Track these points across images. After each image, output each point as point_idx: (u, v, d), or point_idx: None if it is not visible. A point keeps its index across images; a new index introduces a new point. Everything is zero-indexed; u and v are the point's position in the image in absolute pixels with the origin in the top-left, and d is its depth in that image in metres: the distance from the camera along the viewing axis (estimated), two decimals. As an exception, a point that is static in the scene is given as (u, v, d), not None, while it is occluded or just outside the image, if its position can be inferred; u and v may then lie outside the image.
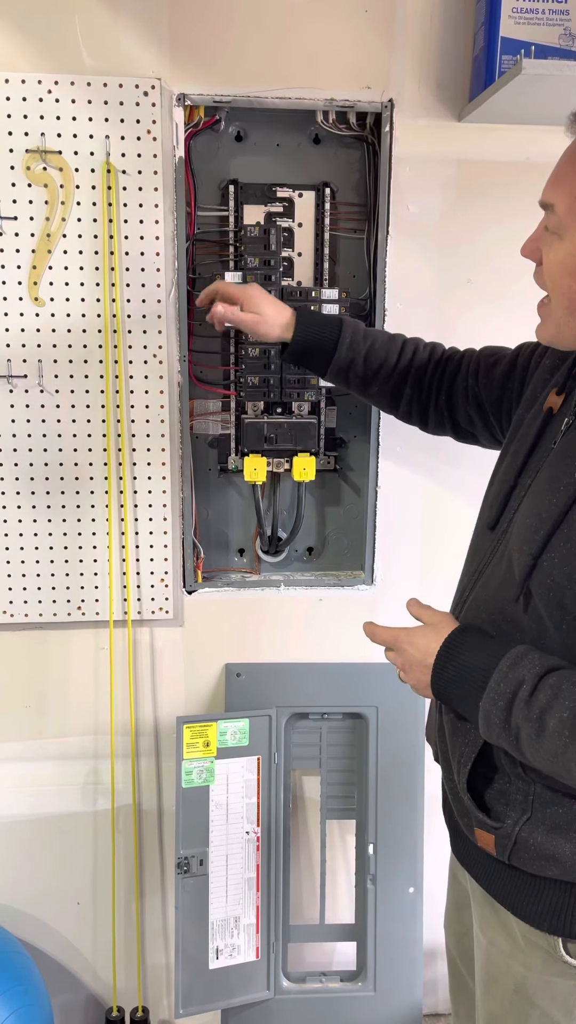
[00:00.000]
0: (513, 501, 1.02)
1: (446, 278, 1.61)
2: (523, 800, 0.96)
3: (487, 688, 0.90)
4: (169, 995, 1.87)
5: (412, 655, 1.01)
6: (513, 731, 0.88)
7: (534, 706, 0.86)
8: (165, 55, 1.46)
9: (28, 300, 1.51)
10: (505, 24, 1.36)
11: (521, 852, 0.97)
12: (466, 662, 0.95)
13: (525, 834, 0.96)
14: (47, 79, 1.43)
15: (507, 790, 0.98)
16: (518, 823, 0.96)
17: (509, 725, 0.88)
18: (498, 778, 1.00)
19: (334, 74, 1.49)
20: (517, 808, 0.97)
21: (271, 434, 1.63)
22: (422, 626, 1.03)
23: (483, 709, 0.91)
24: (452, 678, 0.96)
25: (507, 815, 0.97)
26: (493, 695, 0.89)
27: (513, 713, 0.88)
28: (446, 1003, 1.93)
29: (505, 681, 0.89)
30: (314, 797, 1.81)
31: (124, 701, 1.72)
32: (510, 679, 0.89)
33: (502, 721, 0.89)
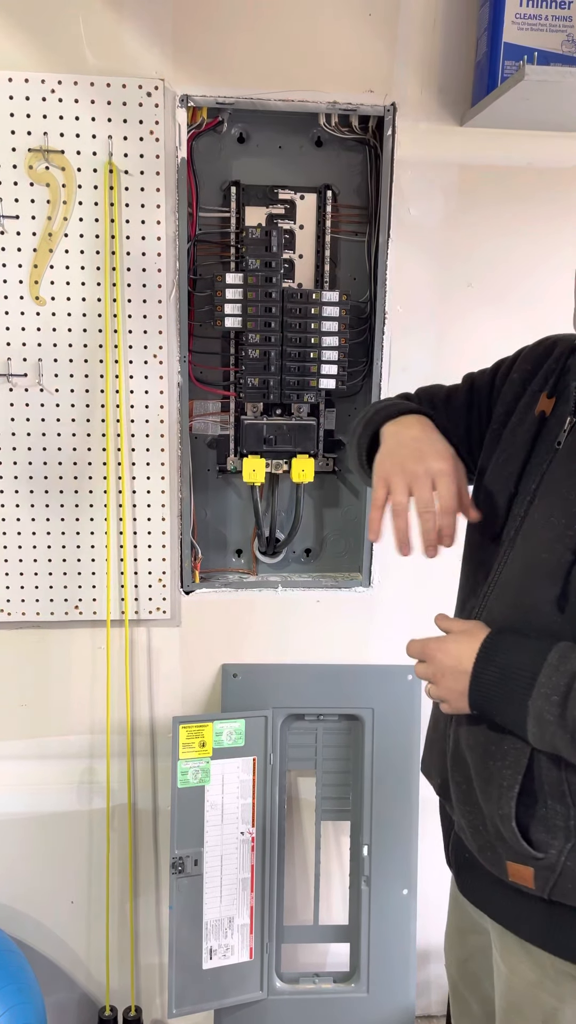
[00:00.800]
0: (517, 508, 0.98)
1: (446, 281, 1.61)
2: (565, 826, 0.90)
3: (536, 685, 0.85)
4: (162, 995, 1.87)
5: (444, 662, 0.94)
6: (570, 727, 0.83)
7: None
8: (168, 56, 1.46)
9: (29, 299, 1.51)
10: (508, 30, 1.36)
11: (565, 883, 0.90)
12: (509, 661, 0.89)
13: (571, 863, 0.89)
14: (50, 79, 1.43)
15: (546, 816, 0.91)
16: (563, 852, 0.89)
17: (565, 721, 0.83)
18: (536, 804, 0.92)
19: (337, 77, 1.49)
20: (560, 836, 0.90)
21: (270, 435, 1.64)
22: (453, 633, 0.97)
23: (534, 708, 0.86)
24: (494, 680, 0.90)
25: (550, 844, 0.90)
26: (545, 691, 0.84)
27: (569, 707, 0.83)
28: (439, 1005, 1.94)
29: (557, 675, 0.84)
30: (309, 798, 1.82)
31: (121, 700, 1.72)
32: (562, 672, 0.84)
33: (557, 718, 0.84)
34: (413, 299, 1.61)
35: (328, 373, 1.59)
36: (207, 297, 1.59)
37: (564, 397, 0.99)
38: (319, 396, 1.64)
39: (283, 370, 1.59)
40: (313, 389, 1.61)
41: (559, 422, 0.98)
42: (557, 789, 0.90)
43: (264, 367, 1.58)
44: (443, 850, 1.12)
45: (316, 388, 1.61)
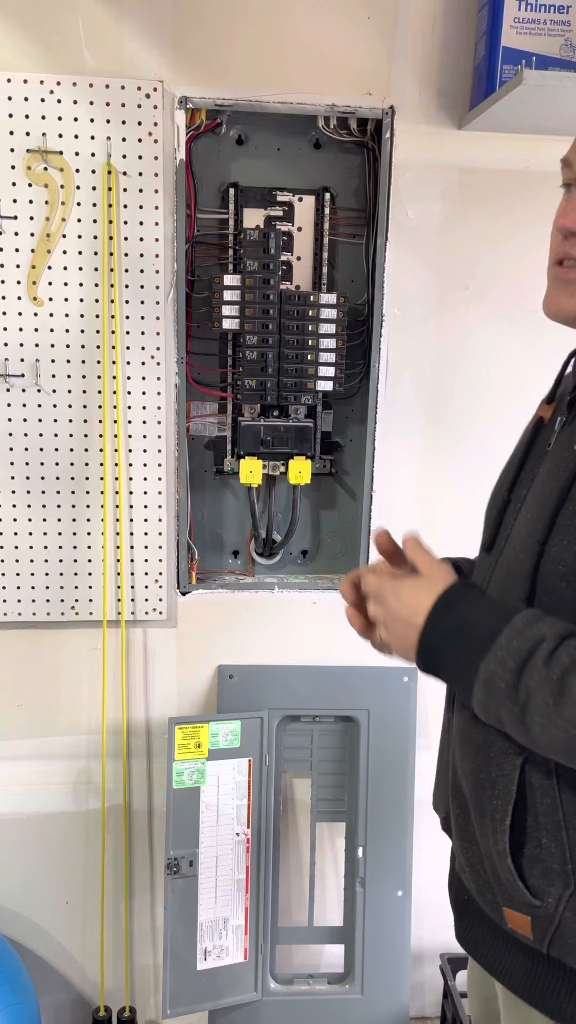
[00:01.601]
0: (508, 516, 0.93)
1: (444, 284, 1.61)
2: (562, 871, 0.79)
3: (495, 645, 0.76)
4: (157, 995, 1.87)
5: (396, 610, 0.85)
6: (521, 698, 0.74)
7: (554, 666, 0.72)
8: (168, 58, 1.46)
9: (27, 300, 1.51)
10: (507, 34, 1.37)
11: (565, 938, 0.80)
12: (469, 615, 0.80)
13: (570, 915, 0.79)
14: (49, 80, 1.43)
15: (539, 856, 0.81)
16: (561, 900, 0.79)
17: (517, 691, 0.74)
18: (529, 841, 0.82)
19: (336, 80, 1.50)
20: (558, 882, 0.79)
21: (267, 437, 1.64)
22: (413, 577, 0.87)
23: (485, 670, 0.76)
24: (448, 633, 0.80)
25: (547, 892, 0.80)
26: (502, 654, 0.75)
27: (525, 675, 0.73)
28: (433, 1006, 1.94)
29: (519, 639, 0.75)
30: (304, 800, 1.82)
31: (116, 701, 1.72)
32: (526, 637, 0.75)
33: (509, 687, 0.74)
34: (410, 301, 1.61)
35: (325, 375, 1.59)
36: (205, 298, 1.59)
37: (560, 401, 0.97)
38: (316, 398, 1.64)
39: (280, 372, 1.59)
40: (310, 391, 1.61)
41: (553, 423, 0.95)
42: (552, 820, 0.80)
43: (261, 369, 1.58)
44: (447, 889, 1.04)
45: (313, 390, 1.61)
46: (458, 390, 1.67)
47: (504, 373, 1.66)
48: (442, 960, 1.79)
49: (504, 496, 0.95)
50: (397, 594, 0.86)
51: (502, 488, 0.97)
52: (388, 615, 0.87)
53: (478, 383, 1.66)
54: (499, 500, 0.96)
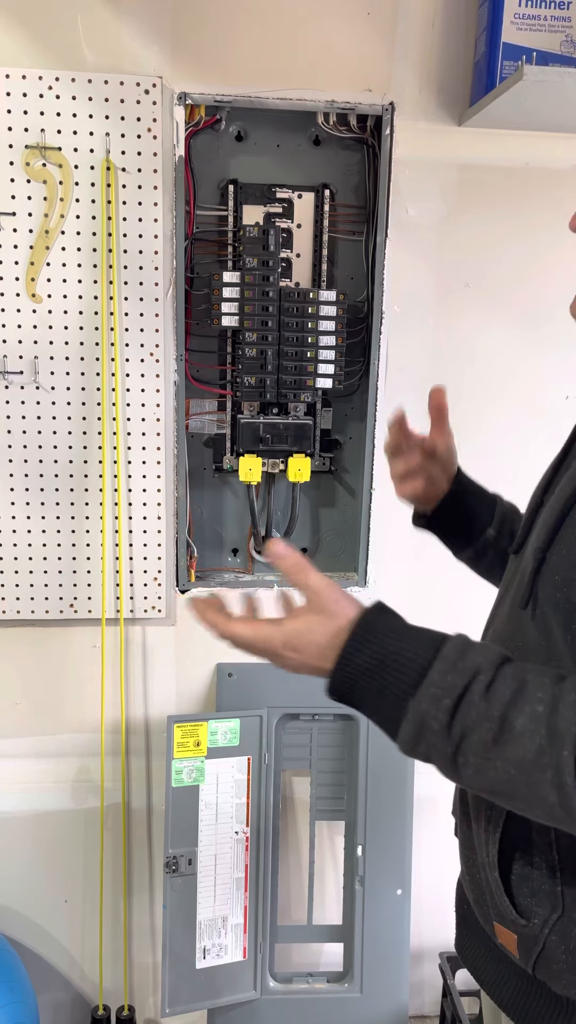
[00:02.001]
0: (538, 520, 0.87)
1: (444, 281, 1.61)
2: (551, 892, 0.76)
3: (426, 681, 0.67)
4: (155, 994, 1.87)
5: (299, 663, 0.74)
6: (455, 738, 0.67)
7: (494, 701, 0.66)
8: (167, 54, 1.45)
9: (25, 296, 1.51)
10: (507, 30, 1.36)
11: (549, 962, 0.77)
12: (392, 647, 0.70)
13: (556, 938, 0.76)
14: (48, 75, 1.43)
15: (530, 875, 0.78)
16: (547, 923, 0.76)
17: (451, 730, 0.67)
18: (519, 857, 0.79)
19: (335, 76, 1.49)
20: (545, 904, 0.77)
21: (267, 434, 1.63)
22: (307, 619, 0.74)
23: (415, 710, 0.68)
24: (367, 667, 0.70)
25: (534, 912, 0.77)
26: (435, 691, 0.67)
27: (460, 713, 0.66)
28: (432, 1005, 1.94)
29: (454, 672, 0.67)
30: (304, 798, 1.81)
31: (115, 699, 1.72)
32: (460, 669, 0.67)
33: (443, 726, 0.67)
34: (410, 299, 1.61)
35: (325, 372, 1.59)
36: (204, 296, 1.59)
37: None
38: (316, 395, 1.63)
39: (280, 369, 1.58)
40: (310, 388, 1.60)
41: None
42: (544, 840, 0.77)
43: (261, 366, 1.58)
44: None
45: (313, 387, 1.60)
46: (458, 387, 1.66)
47: (504, 370, 1.66)
48: (441, 959, 1.79)
49: (538, 499, 0.90)
50: (296, 647, 0.73)
51: (538, 491, 0.92)
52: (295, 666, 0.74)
53: (478, 380, 1.66)
54: (534, 504, 0.91)
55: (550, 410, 1.68)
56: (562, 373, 1.67)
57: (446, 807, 1.82)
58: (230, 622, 0.76)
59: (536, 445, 1.59)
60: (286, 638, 0.73)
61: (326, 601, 0.74)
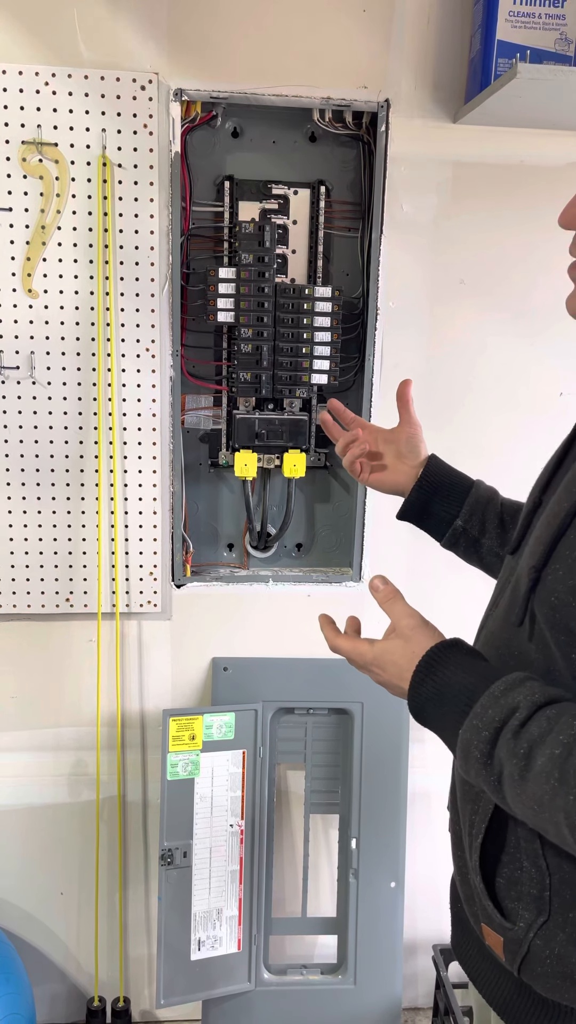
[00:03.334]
0: (536, 521, 0.87)
1: (438, 278, 1.61)
2: (538, 896, 0.77)
3: (472, 713, 0.73)
4: (151, 986, 1.88)
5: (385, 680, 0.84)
6: (496, 770, 0.71)
7: (523, 739, 0.69)
8: (163, 50, 1.46)
9: (21, 291, 1.52)
10: (502, 27, 1.37)
11: (534, 965, 0.78)
12: (450, 679, 0.77)
13: (541, 942, 0.77)
14: (44, 71, 1.43)
15: (518, 879, 0.79)
16: (532, 926, 0.77)
17: (491, 761, 0.71)
18: (507, 860, 0.80)
19: (331, 73, 1.50)
20: (531, 907, 0.78)
21: (262, 430, 1.64)
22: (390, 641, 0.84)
23: (463, 738, 0.73)
24: (430, 696, 0.78)
25: (519, 915, 0.78)
26: (477, 723, 0.72)
27: (498, 746, 0.71)
28: (425, 997, 1.95)
29: (495, 707, 0.72)
30: (298, 791, 1.82)
31: (111, 693, 1.73)
32: (502, 705, 0.72)
33: (483, 756, 0.72)
34: (405, 295, 1.61)
35: (320, 368, 1.60)
36: (200, 291, 1.59)
37: None
38: (311, 391, 1.64)
39: (275, 365, 1.59)
40: (305, 384, 1.61)
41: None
42: (531, 847, 0.78)
43: (256, 362, 1.58)
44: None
45: (308, 383, 1.61)
46: (453, 383, 1.67)
47: (499, 367, 1.67)
48: (435, 951, 1.80)
49: (536, 499, 0.90)
50: (381, 665, 0.84)
51: (535, 491, 0.91)
52: (381, 682, 0.86)
53: (472, 377, 1.67)
54: (531, 503, 0.90)
55: (544, 407, 1.69)
56: (556, 370, 1.68)
57: (439, 801, 1.83)
58: (337, 636, 0.91)
59: (530, 441, 1.60)
60: (374, 655, 0.84)
61: (405, 628, 0.83)
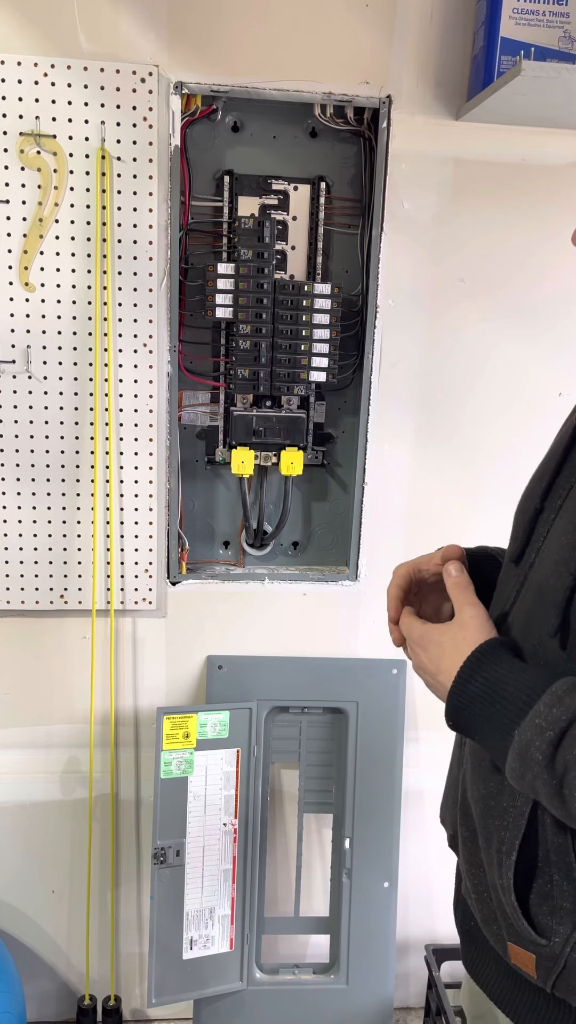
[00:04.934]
0: (540, 527, 0.85)
1: (438, 276, 1.61)
2: (572, 909, 0.76)
3: (532, 711, 0.71)
4: (142, 984, 1.87)
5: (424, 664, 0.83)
6: (559, 771, 0.68)
7: None
8: (163, 42, 1.44)
9: (18, 285, 1.50)
10: (505, 24, 1.36)
11: (571, 980, 0.76)
12: (503, 675, 0.75)
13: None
14: (43, 62, 1.41)
15: (550, 893, 0.77)
16: (568, 941, 0.75)
17: (554, 764, 0.68)
18: (539, 876, 0.77)
19: (333, 68, 1.48)
20: (567, 921, 0.76)
21: (259, 427, 1.63)
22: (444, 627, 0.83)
23: (521, 739, 0.71)
24: (479, 693, 0.75)
25: (554, 931, 0.76)
26: (540, 721, 0.70)
27: (563, 748, 0.68)
28: (417, 997, 1.95)
29: (560, 707, 0.69)
30: (292, 790, 1.82)
31: (105, 691, 1.72)
32: (567, 705, 0.69)
33: (546, 758, 0.69)
34: (405, 293, 1.61)
35: (319, 366, 1.59)
36: (198, 287, 1.58)
37: None
38: (309, 389, 1.63)
39: (273, 362, 1.58)
40: (303, 382, 1.60)
41: None
42: (563, 860, 0.76)
43: (255, 358, 1.57)
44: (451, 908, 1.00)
45: (306, 381, 1.60)
46: (452, 383, 1.67)
47: (498, 366, 1.66)
48: (427, 951, 1.80)
49: (536, 504, 0.86)
50: (424, 645, 0.83)
51: (534, 494, 0.88)
52: (417, 666, 0.85)
53: (472, 376, 1.66)
54: (531, 508, 0.87)
55: (543, 406, 1.68)
56: (556, 369, 1.67)
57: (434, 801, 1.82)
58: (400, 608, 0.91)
59: (529, 441, 1.59)
60: (421, 633, 0.84)
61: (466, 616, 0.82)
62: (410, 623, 0.87)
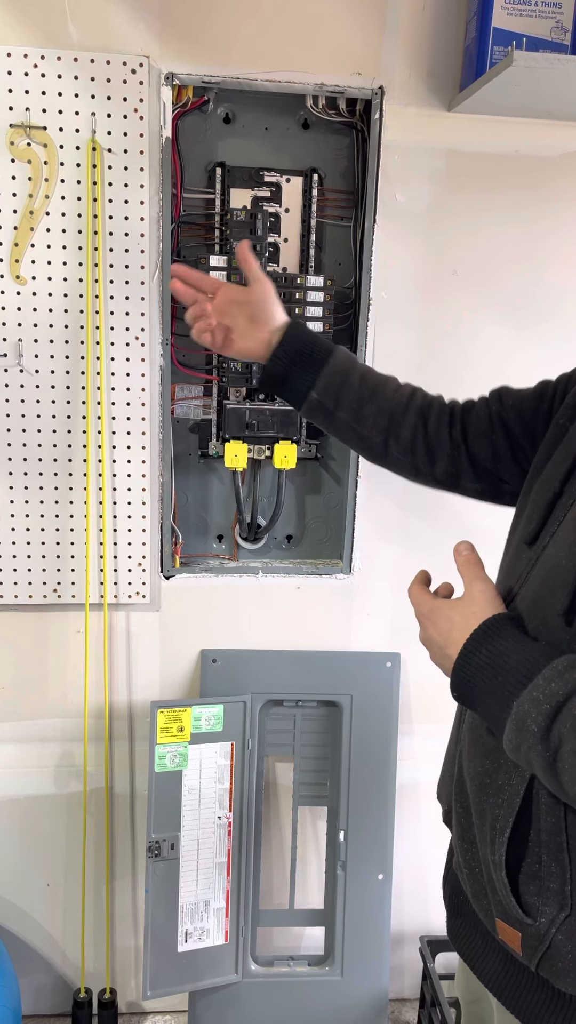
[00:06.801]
0: (558, 511, 0.85)
1: (432, 268, 1.60)
2: (559, 890, 0.77)
3: (531, 684, 0.72)
4: (137, 977, 1.87)
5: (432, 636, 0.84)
6: (553, 744, 0.70)
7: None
8: (154, 33, 1.43)
9: (9, 278, 1.49)
10: (498, 15, 1.35)
11: (555, 960, 0.77)
12: (506, 649, 0.76)
13: (563, 937, 0.77)
14: (33, 53, 1.40)
15: (538, 873, 0.78)
16: (555, 922, 0.77)
17: (549, 737, 0.70)
18: (529, 856, 0.79)
19: (325, 59, 1.48)
20: (553, 903, 0.77)
21: (253, 420, 1.63)
22: (452, 602, 0.85)
23: (518, 711, 0.73)
24: (482, 665, 0.77)
25: (541, 911, 0.78)
26: (537, 695, 0.71)
27: (559, 722, 0.70)
28: (412, 988, 1.96)
29: (559, 681, 0.71)
30: (287, 784, 1.82)
31: (99, 684, 1.72)
32: (567, 679, 0.71)
33: (541, 730, 0.71)
34: (398, 285, 1.60)
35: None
36: (191, 279, 1.57)
37: None
38: (302, 382, 1.63)
39: (266, 355, 1.57)
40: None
41: None
42: (555, 840, 0.77)
43: (247, 351, 1.57)
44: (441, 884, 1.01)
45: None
46: (445, 375, 1.66)
47: (491, 358, 1.66)
48: (422, 943, 1.80)
49: (556, 488, 0.86)
50: (434, 619, 0.85)
51: (553, 478, 0.88)
52: (425, 638, 0.86)
53: (465, 368, 1.66)
54: (549, 491, 0.87)
55: (536, 399, 1.68)
56: (550, 362, 1.66)
57: (428, 793, 1.83)
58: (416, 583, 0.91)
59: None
60: (432, 607, 0.86)
61: (475, 591, 0.84)
62: (420, 597, 0.89)
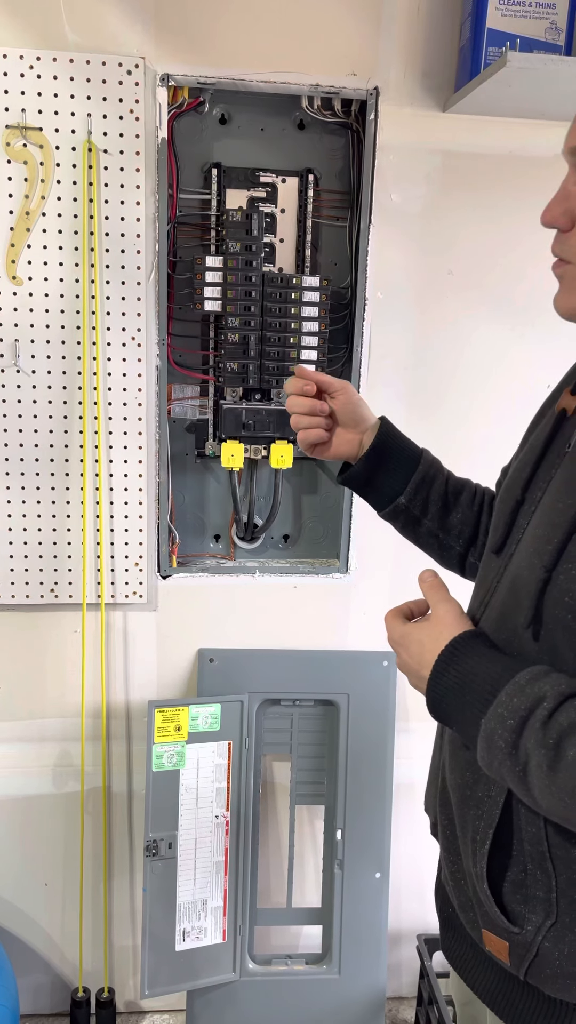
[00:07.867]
0: (521, 519, 0.85)
1: (427, 268, 1.61)
2: (545, 898, 0.77)
3: (495, 701, 0.72)
4: (135, 976, 1.88)
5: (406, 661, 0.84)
6: (521, 760, 0.70)
7: (551, 729, 0.68)
8: (150, 34, 1.44)
9: (5, 278, 1.50)
10: (492, 15, 1.36)
11: (543, 967, 0.78)
12: (473, 668, 0.76)
13: (550, 944, 0.77)
14: (29, 54, 1.41)
15: (523, 882, 0.78)
16: (541, 929, 0.77)
17: (517, 752, 0.70)
18: (513, 865, 0.79)
19: (320, 59, 1.48)
20: (539, 909, 0.77)
21: (249, 420, 1.63)
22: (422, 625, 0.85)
23: (486, 727, 0.72)
24: (452, 685, 0.77)
25: (527, 919, 0.78)
26: (502, 711, 0.71)
27: (524, 736, 0.70)
28: (410, 987, 1.96)
29: (521, 695, 0.71)
30: (284, 783, 1.82)
31: (96, 684, 1.72)
32: (528, 694, 0.71)
33: (508, 746, 0.71)
34: (394, 286, 1.60)
35: (308, 359, 1.59)
36: (187, 280, 1.58)
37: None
38: (298, 382, 1.63)
39: (263, 355, 1.58)
40: (292, 374, 1.60)
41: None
42: (537, 849, 0.77)
43: (243, 351, 1.57)
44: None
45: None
46: (441, 375, 1.67)
47: (487, 358, 1.66)
48: (419, 941, 1.81)
49: (517, 495, 0.87)
50: (405, 644, 0.85)
51: (515, 486, 0.88)
52: (401, 664, 0.86)
53: (461, 368, 1.66)
54: (511, 499, 0.88)
55: (532, 399, 1.68)
56: (544, 362, 1.66)
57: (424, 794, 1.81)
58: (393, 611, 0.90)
59: (518, 434, 1.59)
60: (401, 633, 0.86)
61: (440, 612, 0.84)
62: (391, 624, 0.89)
